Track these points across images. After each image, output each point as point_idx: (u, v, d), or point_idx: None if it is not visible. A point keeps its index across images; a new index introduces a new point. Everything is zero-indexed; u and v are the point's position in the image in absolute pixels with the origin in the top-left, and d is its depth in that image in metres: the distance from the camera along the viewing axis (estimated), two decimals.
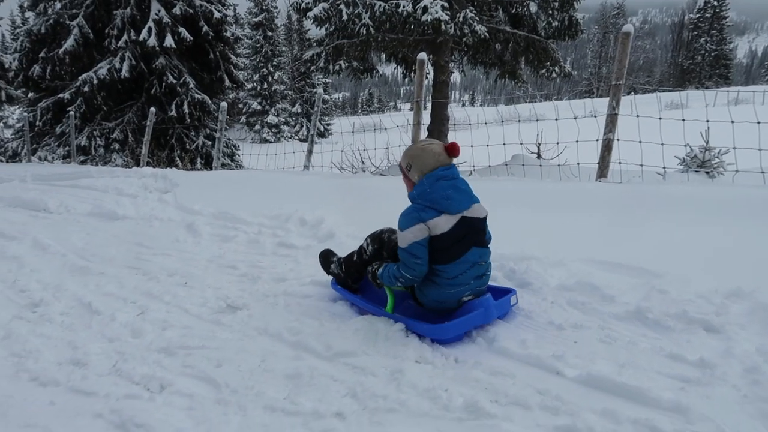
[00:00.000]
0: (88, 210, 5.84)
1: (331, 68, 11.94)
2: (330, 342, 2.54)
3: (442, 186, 2.58)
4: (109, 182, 6.86)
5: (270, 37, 37.28)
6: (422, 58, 5.85)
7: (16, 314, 3.22)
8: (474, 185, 4.49)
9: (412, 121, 6.10)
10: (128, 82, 13.45)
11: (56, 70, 13.57)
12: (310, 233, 4.35)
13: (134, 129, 13.61)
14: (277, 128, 36.96)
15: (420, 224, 2.53)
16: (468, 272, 2.59)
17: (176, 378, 2.40)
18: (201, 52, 14.58)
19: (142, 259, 4.13)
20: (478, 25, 9.92)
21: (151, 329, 2.89)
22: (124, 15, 13.15)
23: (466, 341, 2.52)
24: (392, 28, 10.77)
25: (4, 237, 4.94)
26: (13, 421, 2.18)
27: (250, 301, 3.18)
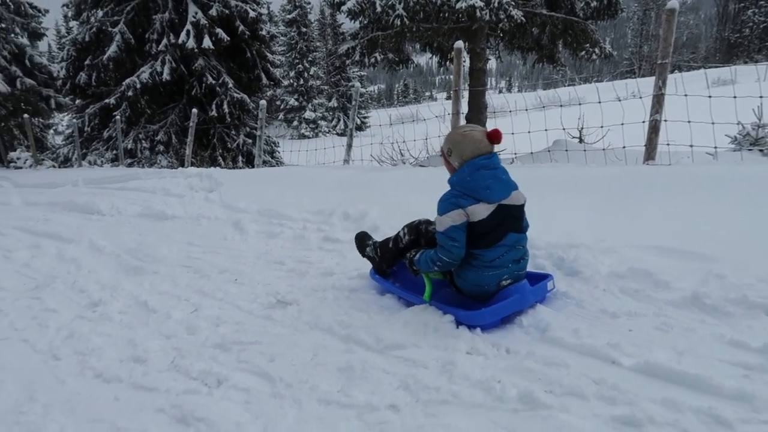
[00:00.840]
0: (138, 211, 6.02)
1: (367, 61, 11.94)
2: (380, 335, 2.55)
3: (483, 176, 2.59)
4: (157, 183, 7.05)
5: (304, 33, 37.56)
6: (459, 47, 5.79)
7: (78, 314, 3.36)
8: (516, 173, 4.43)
9: (450, 111, 6.06)
10: (170, 85, 13.76)
11: (101, 77, 14.00)
12: (354, 227, 4.37)
13: (177, 130, 13.94)
14: (315, 123, 37.27)
15: (459, 210, 2.56)
16: (506, 255, 2.62)
17: (232, 373, 2.46)
18: (238, 52, 14.79)
19: (193, 258, 4.24)
20: (514, 9, 9.75)
21: (206, 326, 2.97)
22: (163, 19, 13.45)
23: (517, 331, 2.49)
24: (426, 17, 10.69)
25: (62, 240, 5.15)
26: (81, 417, 2.28)
27: (299, 296, 3.23)
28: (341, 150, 8.33)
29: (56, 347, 2.93)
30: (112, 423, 2.21)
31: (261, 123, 8.44)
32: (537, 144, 6.96)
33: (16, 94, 15.81)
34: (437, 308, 2.68)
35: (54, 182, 9.07)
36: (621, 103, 5.60)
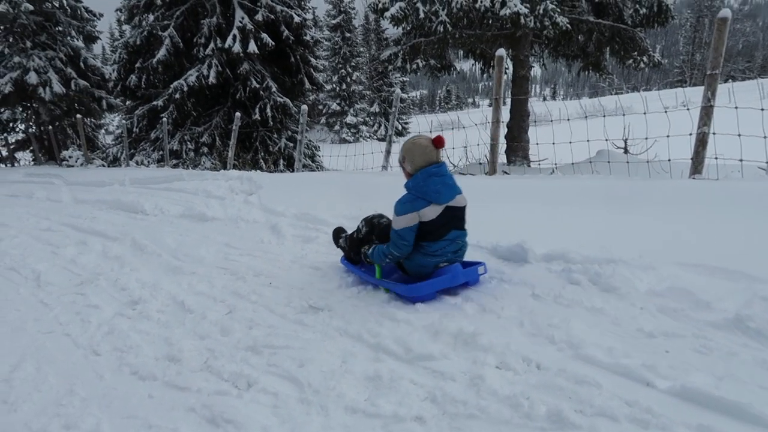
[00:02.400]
0: (180, 212, 6.17)
1: (409, 67, 11.95)
2: (409, 345, 2.54)
3: (434, 182, 3.12)
4: (199, 185, 7.22)
5: (348, 39, 37.90)
6: (501, 54, 5.74)
7: (118, 311, 3.47)
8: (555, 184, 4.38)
9: (491, 119, 6.01)
10: (215, 88, 14.07)
11: (150, 79, 14.43)
12: None
13: (221, 133, 14.24)
14: (356, 128, 37.51)
15: (413, 213, 3.09)
16: (447, 247, 3.19)
17: (262, 376, 2.50)
18: (282, 57, 15.02)
19: (230, 260, 4.32)
20: (560, 16, 9.60)
21: (239, 328, 3.02)
22: (211, 24, 13.77)
23: (549, 347, 2.45)
24: (470, 24, 10.64)
25: (107, 238, 5.33)
26: (116, 413, 2.35)
27: (331, 301, 3.25)
28: (380, 156, 8.36)
29: (96, 343, 3.03)
30: (145, 420, 2.27)
31: (302, 128, 8.55)
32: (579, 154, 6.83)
33: (71, 94, 16.45)
34: (382, 285, 3.29)
35: (102, 181, 9.39)
36: (668, 114, 5.45)
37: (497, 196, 4.83)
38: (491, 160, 6.03)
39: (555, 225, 3.97)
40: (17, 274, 4.49)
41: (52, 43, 16.71)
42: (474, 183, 5.42)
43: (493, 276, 3.34)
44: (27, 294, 4.00)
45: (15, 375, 2.75)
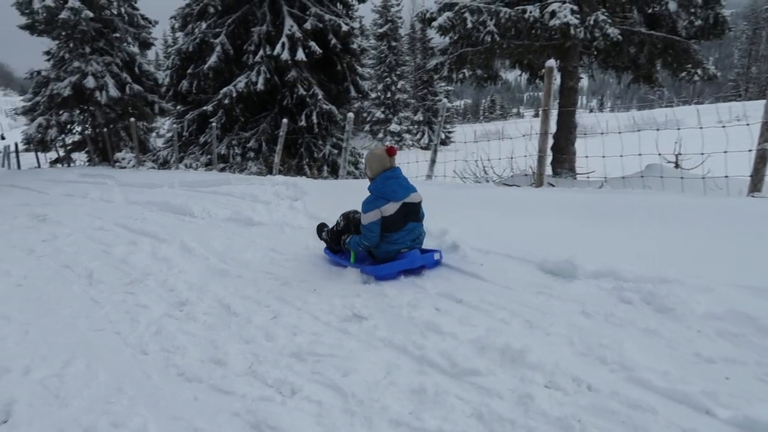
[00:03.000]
0: (227, 215, 6.28)
1: (455, 77, 11.88)
2: (455, 359, 2.50)
3: (391, 184, 3.85)
4: (246, 189, 7.34)
5: (394, 47, 38.07)
6: (550, 65, 5.65)
7: (166, 312, 3.54)
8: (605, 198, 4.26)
9: (539, 130, 5.91)
10: (263, 95, 14.31)
11: (201, 85, 14.80)
12: (433, 244, 4.33)
13: (267, 138, 14.46)
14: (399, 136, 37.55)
15: (376, 210, 3.80)
16: (406, 236, 3.90)
17: (306, 384, 2.50)
18: (329, 64, 15.19)
19: (276, 264, 4.36)
20: (611, 27, 9.39)
21: (284, 334, 3.03)
22: (261, 32, 14.05)
23: (600, 368, 2.36)
24: (517, 34, 10.51)
25: (156, 239, 5.46)
26: (163, 413, 2.38)
27: (375, 311, 3.23)
28: (424, 165, 8.32)
29: (145, 342, 3.10)
30: (190, 422, 2.29)
31: (347, 135, 8.60)
32: (628, 167, 6.64)
33: (125, 98, 17.05)
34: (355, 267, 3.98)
35: (153, 183, 9.66)
36: (724, 129, 5.24)
37: (544, 209, 4.73)
38: (538, 172, 5.92)
39: (605, 240, 3.85)
40: (71, 272, 4.64)
41: (110, 48, 17.37)
42: (520, 195, 5.34)
43: (541, 291, 3.26)
44: (79, 291, 4.12)
45: (66, 371, 2.83)
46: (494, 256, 3.92)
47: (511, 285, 3.40)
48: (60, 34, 16.99)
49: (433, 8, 11.10)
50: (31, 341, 3.27)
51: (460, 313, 3.07)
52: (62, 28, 16.55)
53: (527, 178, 9.33)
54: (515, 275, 3.54)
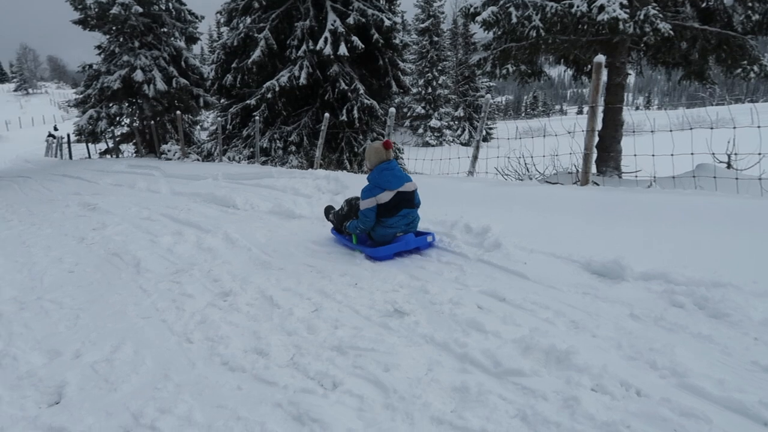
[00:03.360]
0: (269, 208, 6.35)
1: (498, 72, 11.71)
2: (498, 358, 2.46)
3: (386, 175, 4.25)
4: (288, 183, 7.41)
5: (436, 42, 37.85)
6: (599, 61, 5.50)
7: (211, 301, 3.60)
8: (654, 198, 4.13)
9: (584, 128, 5.77)
10: (305, 89, 14.44)
11: (245, 79, 15.01)
12: (475, 241, 4.29)
13: (309, 132, 14.59)
14: (440, 132, 37.38)
15: (372, 198, 4.22)
16: (400, 221, 4.31)
17: (347, 377, 2.50)
18: (371, 59, 15.20)
19: (317, 258, 4.39)
20: (662, 22, 9.09)
21: (325, 327, 3.04)
22: (304, 27, 14.15)
23: (650, 373, 2.29)
24: (563, 29, 10.29)
25: (201, 229, 5.57)
26: (207, 401, 2.42)
27: (416, 306, 3.21)
28: (465, 161, 8.25)
29: (190, 331, 3.16)
30: (234, 411, 2.32)
31: (389, 130, 8.58)
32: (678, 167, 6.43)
33: (171, 92, 17.45)
34: (359, 249, 4.42)
35: (197, 175, 9.85)
36: None
37: (590, 208, 4.62)
38: (584, 170, 5.78)
39: (654, 242, 3.73)
40: (120, 260, 4.78)
41: (158, 43, 17.79)
42: (565, 193, 5.22)
43: (587, 292, 3.18)
44: (128, 279, 4.24)
45: (115, 356, 2.91)
46: (538, 254, 3.85)
47: (555, 284, 3.33)
48: (111, 28, 17.48)
49: (476, 3, 10.96)
50: (82, 326, 3.37)
51: (503, 311, 3.02)
52: (113, 23, 17.02)
53: (571, 176, 9.14)
54: (560, 275, 3.47)
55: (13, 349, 3.06)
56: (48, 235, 6.05)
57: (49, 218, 7.08)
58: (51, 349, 3.07)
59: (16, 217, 7.50)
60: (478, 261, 3.93)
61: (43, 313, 3.64)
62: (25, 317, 3.57)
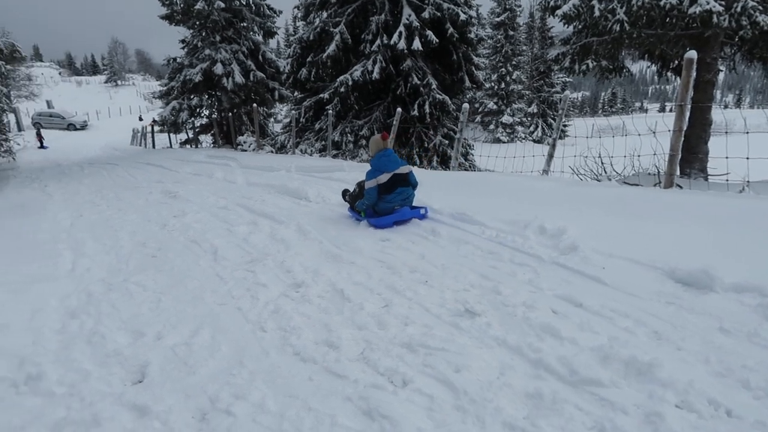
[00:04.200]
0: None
1: (577, 68, 11.34)
2: (575, 366, 2.37)
3: (384, 160, 5.28)
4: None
5: (511, 36, 37.04)
6: (691, 57, 5.19)
7: (283, 292, 3.68)
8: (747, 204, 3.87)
9: (671, 127, 5.47)
10: (377, 83, 14.47)
11: (319, 73, 15.22)
12: (550, 243, 4.16)
13: (380, 127, 14.63)
14: (512, 128, 36.61)
15: (373, 179, 5.20)
16: (396, 198, 5.27)
17: (417, 375, 2.48)
18: (444, 54, 15.04)
19: (386, 253, 4.39)
20: (761, 15, 8.50)
21: (395, 323, 3.04)
22: (379, 21, 14.18)
23: (743, 392, 2.13)
24: (650, 23, 9.81)
25: (275, 220, 5.70)
26: (279, 390, 2.47)
27: (488, 308, 3.15)
28: (539, 159, 8.04)
29: (264, 320, 3.23)
30: (305, 402, 2.36)
31: (462, 126, 8.48)
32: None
33: (249, 85, 17.95)
34: (366, 220, 5.38)
35: (271, 166, 10.10)
36: None
37: (675, 213, 4.38)
38: (668, 171, 5.49)
39: (747, 251, 3.49)
40: (198, 247, 4.96)
41: (237, 37, 18.35)
42: (646, 196, 4.98)
43: (671, 302, 3.02)
44: (206, 266, 4.39)
45: (194, 340, 3.03)
46: (617, 259, 3.68)
47: (636, 292, 3.18)
48: (194, 23, 18.16)
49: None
50: (163, 309, 3.53)
51: (579, 318, 2.91)
52: (197, 18, 17.68)
53: (651, 178, 8.72)
54: (641, 282, 3.31)
55: (102, 328, 3.24)
56: (133, 220, 6.38)
57: (134, 204, 7.46)
58: (135, 329, 3.22)
59: (104, 202, 7.95)
60: (552, 263, 3.80)
61: (128, 294, 3.83)
62: (113, 298, 3.77)
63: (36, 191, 10.17)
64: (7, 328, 3.21)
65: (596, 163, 10.30)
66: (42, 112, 41.33)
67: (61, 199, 8.64)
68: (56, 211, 7.35)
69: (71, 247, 5.23)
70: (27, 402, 2.49)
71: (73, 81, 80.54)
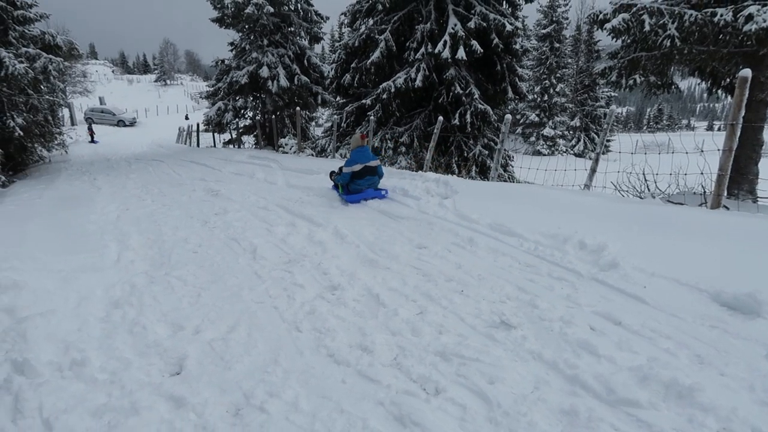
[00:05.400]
0: (378, 207, 6.45)
1: (624, 83, 11.12)
2: (612, 385, 2.33)
3: (358, 154, 7.04)
4: (397, 183, 7.48)
5: (556, 49, 36.63)
6: (746, 76, 5.05)
7: (319, 293, 3.71)
8: None
9: (722, 146, 5.32)
10: (420, 91, 14.49)
11: (362, 79, 15.34)
12: (589, 259, 4.09)
13: (420, 134, 14.64)
14: (553, 141, 36.15)
15: (349, 167, 6.97)
16: (365, 182, 6.97)
17: (450, 385, 2.48)
18: (488, 64, 14.98)
19: (423, 261, 4.38)
20: None
21: (429, 331, 3.04)
22: (424, 29, 14.22)
23: None
24: (702, 39, 9.56)
25: (313, 222, 5.76)
26: (313, 391, 2.50)
27: (524, 320, 3.12)
28: (580, 173, 7.91)
29: (299, 320, 3.27)
30: (338, 404, 2.38)
31: (503, 136, 8.41)
32: None
33: (293, 88, 18.22)
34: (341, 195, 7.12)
35: (311, 169, 10.21)
36: None
37: (722, 234, 4.25)
38: (715, 192, 5.34)
39: None
40: (238, 245, 5.06)
41: (284, 41, 18.66)
42: (692, 215, 4.85)
43: (715, 325, 2.93)
44: (244, 264, 4.47)
45: (231, 336, 3.08)
46: (659, 279, 3.60)
47: (678, 313, 3.10)
48: (244, 27, 18.55)
49: (606, 9, 10.48)
50: (202, 304, 3.61)
51: (618, 336, 2.85)
52: (246, 22, 18.06)
53: (697, 197, 8.48)
54: (684, 303, 3.22)
55: (143, 319, 3.34)
56: (176, 216, 6.54)
57: (178, 201, 7.65)
58: (175, 322, 3.31)
59: (149, 197, 8.18)
60: (591, 279, 3.74)
61: (169, 288, 3.93)
62: (155, 291, 3.88)
63: (86, 184, 10.53)
64: (55, 314, 3.33)
65: (639, 180, 10.08)
66: (94, 108, 42.81)
67: (108, 193, 8.92)
68: (104, 204, 7.60)
69: (117, 239, 5.40)
70: (71, 386, 2.58)
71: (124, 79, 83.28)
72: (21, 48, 13.22)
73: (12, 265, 4.13)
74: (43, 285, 3.82)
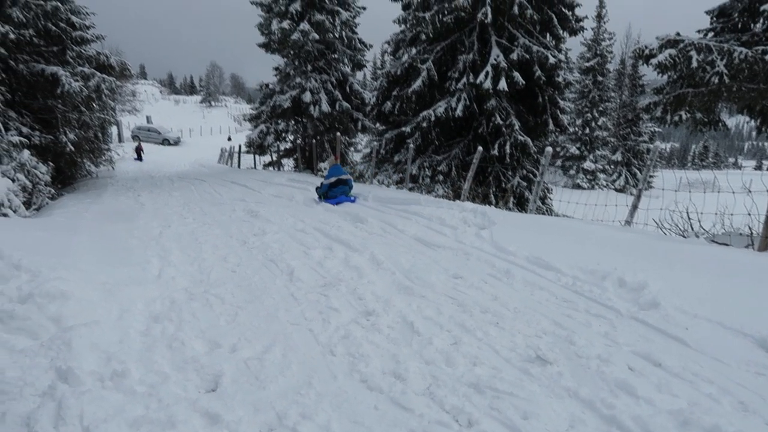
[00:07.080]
0: (414, 234, 6.47)
1: (669, 119, 10.99)
2: (651, 428, 2.28)
3: (334, 171, 10.00)
4: (434, 212, 7.50)
5: (599, 82, 36.38)
6: None
7: (354, 318, 3.74)
8: None
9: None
10: (459, 121, 14.58)
11: (403, 107, 15.54)
12: (629, 297, 4.01)
13: (458, 164, 14.68)
14: (593, 175, 35.68)
15: (327, 181, 9.82)
16: (339, 191, 9.77)
17: (483, 417, 2.45)
18: (530, 96, 14.98)
19: (458, 291, 4.37)
20: None
21: (463, 362, 3.02)
22: (467, 60, 14.35)
23: None
24: (753, 77, 9.40)
25: (349, 247, 5.81)
26: (345, 415, 2.51)
27: (560, 356, 3.07)
28: (621, 209, 7.79)
29: (333, 344, 3.30)
30: (369, 430, 2.39)
31: (543, 169, 8.37)
32: None
33: (334, 114, 18.56)
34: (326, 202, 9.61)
35: None
36: None
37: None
38: (764, 234, 5.20)
39: None
40: (275, 266, 5.13)
41: (327, 68, 19.07)
42: (738, 257, 4.71)
43: (761, 372, 2.83)
44: (281, 285, 4.54)
45: (266, 356, 3.12)
46: (702, 321, 3.51)
47: (722, 357, 3.00)
48: (289, 52, 19.07)
49: (653, 45, 10.40)
50: (239, 323, 3.67)
51: (658, 377, 2.78)
52: (292, 48, 18.56)
53: (744, 239, 8.23)
54: (728, 347, 3.13)
55: (182, 335, 3.41)
56: (216, 235, 6.69)
57: (218, 220, 7.83)
58: (212, 339, 3.37)
59: (191, 215, 8.39)
60: (631, 318, 3.67)
61: (208, 305, 4.02)
62: (194, 307, 3.97)
63: (130, 200, 10.88)
64: (99, 325, 3.44)
65: (683, 218, 9.84)
66: (141, 126, 44.36)
67: (152, 209, 9.19)
68: (147, 220, 7.83)
69: (159, 255, 5.55)
70: (111, 396, 2.65)
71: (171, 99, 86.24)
72: (77, 67, 13.85)
73: (60, 275, 4.28)
74: (88, 296, 3.94)
